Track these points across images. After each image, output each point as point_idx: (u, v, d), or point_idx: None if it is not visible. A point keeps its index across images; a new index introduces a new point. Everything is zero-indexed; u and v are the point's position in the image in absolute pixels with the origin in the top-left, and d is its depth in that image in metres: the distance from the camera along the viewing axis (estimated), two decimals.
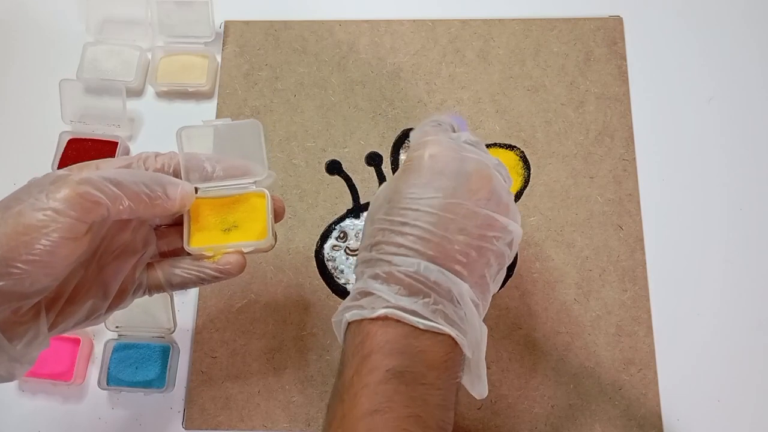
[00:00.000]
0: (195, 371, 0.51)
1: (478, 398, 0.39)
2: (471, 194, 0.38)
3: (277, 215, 0.42)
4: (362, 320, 0.37)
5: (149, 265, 0.41)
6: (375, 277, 0.37)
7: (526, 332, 0.52)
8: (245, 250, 0.40)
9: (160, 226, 0.43)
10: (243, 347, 0.52)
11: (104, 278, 0.39)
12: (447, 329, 0.36)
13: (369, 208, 0.42)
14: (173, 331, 0.51)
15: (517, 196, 0.55)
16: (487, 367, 0.50)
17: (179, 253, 0.41)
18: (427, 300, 0.36)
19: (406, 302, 0.36)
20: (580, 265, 0.53)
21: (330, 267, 0.54)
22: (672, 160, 0.56)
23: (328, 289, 0.53)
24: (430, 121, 0.43)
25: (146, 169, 0.40)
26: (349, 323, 0.38)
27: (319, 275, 0.54)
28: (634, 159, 0.56)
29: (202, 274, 0.40)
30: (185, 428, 0.50)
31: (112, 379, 0.50)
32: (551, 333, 0.52)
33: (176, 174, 0.40)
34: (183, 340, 0.52)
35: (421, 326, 0.36)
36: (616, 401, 0.50)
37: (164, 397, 0.51)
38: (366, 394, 0.35)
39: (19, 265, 0.33)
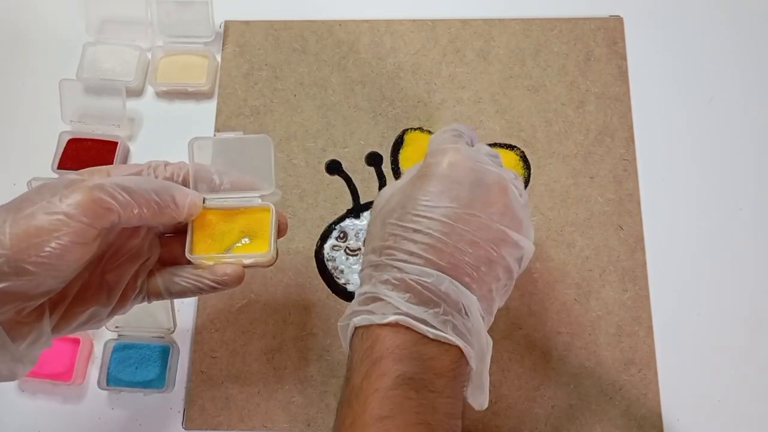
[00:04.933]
0: (195, 371, 0.51)
1: (477, 409, 0.39)
2: (486, 207, 0.38)
3: (280, 231, 0.43)
4: (371, 325, 0.37)
5: (150, 272, 0.41)
6: (385, 282, 0.37)
7: (526, 332, 0.52)
8: (245, 263, 0.41)
9: (164, 233, 0.43)
10: (243, 347, 0.52)
11: (108, 283, 0.39)
12: (455, 340, 0.36)
13: (374, 208, 0.42)
14: (173, 331, 0.51)
15: None
16: None
17: (180, 261, 0.41)
18: (436, 310, 0.36)
19: (417, 311, 0.36)
20: (581, 265, 0.53)
21: (330, 267, 0.54)
22: (672, 160, 0.56)
23: (328, 289, 0.53)
24: (451, 129, 0.42)
25: (156, 177, 0.40)
26: (356, 328, 0.38)
27: (319, 275, 0.54)
28: (635, 159, 0.56)
29: (200, 284, 0.40)
30: (185, 428, 0.50)
31: (112, 379, 0.50)
32: (551, 333, 0.51)
33: (185, 183, 0.40)
34: (183, 340, 0.52)
35: (431, 335, 0.36)
36: (616, 401, 0.50)
37: (164, 397, 0.51)
38: (376, 399, 0.35)
39: (28, 266, 0.33)
